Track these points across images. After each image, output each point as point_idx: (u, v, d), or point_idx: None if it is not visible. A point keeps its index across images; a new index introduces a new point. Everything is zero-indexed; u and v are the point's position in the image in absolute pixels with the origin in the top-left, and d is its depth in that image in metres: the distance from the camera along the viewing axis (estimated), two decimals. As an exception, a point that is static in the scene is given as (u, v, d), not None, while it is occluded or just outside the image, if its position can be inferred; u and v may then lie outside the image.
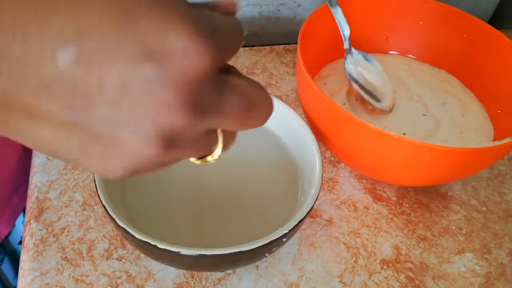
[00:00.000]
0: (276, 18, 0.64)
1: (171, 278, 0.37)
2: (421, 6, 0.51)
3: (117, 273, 0.37)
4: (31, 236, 0.39)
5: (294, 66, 0.58)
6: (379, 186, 0.46)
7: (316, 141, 0.38)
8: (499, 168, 0.50)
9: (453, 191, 0.47)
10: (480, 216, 0.45)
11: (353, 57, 0.48)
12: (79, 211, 0.41)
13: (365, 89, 0.46)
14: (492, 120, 0.48)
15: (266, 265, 0.39)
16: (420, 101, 0.49)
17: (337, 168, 0.47)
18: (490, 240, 0.43)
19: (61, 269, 0.37)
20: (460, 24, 0.50)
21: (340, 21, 0.47)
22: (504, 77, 0.47)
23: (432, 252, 0.42)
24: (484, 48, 0.49)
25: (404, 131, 0.45)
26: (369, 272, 0.40)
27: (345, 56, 0.48)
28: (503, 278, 0.41)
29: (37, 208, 0.41)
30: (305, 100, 0.44)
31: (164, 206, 0.38)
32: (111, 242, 0.39)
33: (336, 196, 0.45)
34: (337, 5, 0.46)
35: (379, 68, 0.49)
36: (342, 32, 0.48)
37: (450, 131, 0.46)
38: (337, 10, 0.47)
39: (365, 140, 0.39)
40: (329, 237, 0.42)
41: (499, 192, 0.48)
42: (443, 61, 0.53)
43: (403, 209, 0.45)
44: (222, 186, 0.40)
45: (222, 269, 0.37)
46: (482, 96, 0.50)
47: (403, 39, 0.54)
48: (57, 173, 0.43)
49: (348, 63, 0.48)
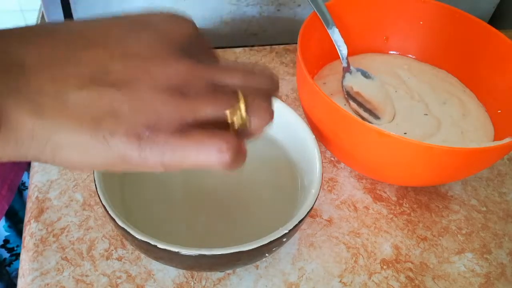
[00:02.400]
0: (276, 18, 0.63)
1: (171, 278, 0.37)
2: (421, 6, 0.51)
3: (117, 273, 0.37)
4: (31, 236, 0.39)
5: (294, 66, 0.58)
6: (379, 186, 0.46)
7: (316, 141, 0.38)
8: (499, 168, 0.50)
9: (453, 191, 0.47)
10: (480, 216, 0.45)
11: (351, 75, 0.48)
12: (79, 211, 0.41)
13: (364, 107, 0.47)
14: (492, 120, 0.48)
15: (266, 265, 0.39)
16: (421, 100, 0.49)
17: (337, 168, 0.47)
18: (490, 240, 0.43)
19: (61, 269, 0.37)
20: (460, 24, 0.50)
21: (338, 41, 0.48)
22: (504, 77, 0.47)
23: (432, 252, 0.42)
24: (484, 48, 0.49)
25: (405, 131, 0.45)
26: (369, 272, 0.40)
27: (343, 74, 0.48)
28: (503, 278, 0.41)
29: (37, 208, 0.41)
30: (305, 100, 0.44)
31: (164, 206, 0.38)
32: (111, 242, 0.39)
33: (336, 196, 0.45)
34: (334, 26, 0.47)
35: (378, 83, 0.49)
36: (340, 51, 0.48)
37: (450, 130, 0.46)
38: (334, 31, 0.47)
39: (365, 140, 0.39)
40: (329, 237, 0.42)
41: (499, 192, 0.48)
42: (443, 61, 0.53)
43: (403, 209, 0.45)
44: (222, 186, 0.40)
45: (222, 269, 0.37)
46: (482, 96, 0.50)
47: (403, 39, 0.54)
48: (57, 173, 0.43)
49: (346, 82, 0.48)
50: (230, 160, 0.22)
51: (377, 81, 0.49)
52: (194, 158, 0.21)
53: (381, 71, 0.52)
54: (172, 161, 0.21)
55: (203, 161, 0.21)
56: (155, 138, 0.20)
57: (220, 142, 0.21)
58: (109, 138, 0.20)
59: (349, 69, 0.49)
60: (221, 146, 0.21)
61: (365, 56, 0.54)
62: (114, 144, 0.20)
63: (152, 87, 0.20)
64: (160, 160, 0.21)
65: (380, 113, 0.46)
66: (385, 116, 0.46)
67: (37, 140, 0.19)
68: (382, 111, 0.47)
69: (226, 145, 0.21)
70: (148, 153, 0.20)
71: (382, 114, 0.46)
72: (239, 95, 0.22)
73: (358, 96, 0.47)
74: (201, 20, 0.62)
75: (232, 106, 0.22)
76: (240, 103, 0.22)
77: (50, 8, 0.57)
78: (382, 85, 0.49)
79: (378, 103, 0.47)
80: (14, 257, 0.58)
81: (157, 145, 0.20)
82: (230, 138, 0.22)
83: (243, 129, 0.23)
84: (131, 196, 0.38)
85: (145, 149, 0.20)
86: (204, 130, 0.21)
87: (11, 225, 0.56)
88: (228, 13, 0.62)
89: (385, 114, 0.46)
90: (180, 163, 0.21)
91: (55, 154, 0.20)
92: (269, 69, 0.25)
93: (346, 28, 0.50)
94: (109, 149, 0.20)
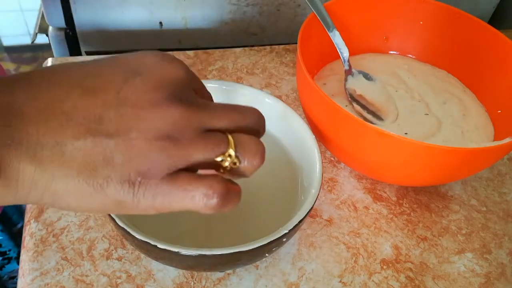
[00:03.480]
0: (276, 18, 0.64)
1: (171, 278, 0.37)
2: (421, 6, 0.51)
3: (117, 273, 0.37)
4: (31, 236, 0.39)
5: (294, 66, 0.58)
6: (379, 186, 0.46)
7: (316, 141, 0.38)
8: (499, 168, 0.50)
9: (453, 191, 0.47)
10: (480, 216, 0.45)
11: (353, 78, 0.48)
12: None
13: (367, 109, 0.47)
14: (492, 120, 0.48)
15: (266, 265, 0.39)
16: (421, 100, 0.49)
17: (337, 168, 0.47)
18: (490, 240, 0.43)
19: (61, 269, 0.37)
20: (460, 24, 0.50)
21: (339, 44, 0.48)
22: (504, 77, 0.47)
23: (432, 252, 0.42)
24: (484, 48, 0.49)
25: (406, 131, 0.45)
26: (369, 272, 0.40)
27: (345, 77, 0.48)
28: (503, 278, 0.41)
29: (37, 208, 0.40)
30: (305, 100, 0.44)
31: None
32: (111, 242, 0.39)
33: (336, 196, 0.45)
34: (334, 29, 0.47)
35: (380, 85, 0.49)
36: (341, 54, 0.48)
37: (451, 130, 0.46)
38: (335, 33, 0.47)
39: (365, 140, 0.39)
40: (329, 237, 0.42)
41: (499, 192, 0.48)
42: (443, 61, 0.53)
43: (403, 209, 0.45)
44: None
45: (222, 269, 0.37)
46: (482, 96, 0.50)
47: (403, 39, 0.54)
48: (57, 173, 0.43)
49: (349, 84, 0.48)
50: (217, 204, 0.23)
51: (379, 83, 0.49)
52: (181, 203, 0.22)
53: (381, 71, 0.52)
54: (163, 205, 0.22)
55: (189, 206, 0.23)
56: (147, 184, 0.21)
57: (204, 188, 0.22)
58: (104, 185, 0.21)
59: (351, 71, 0.49)
60: (207, 192, 0.22)
61: (365, 56, 0.54)
62: (109, 191, 0.21)
63: (145, 135, 0.21)
64: (152, 204, 0.22)
65: (383, 114, 0.46)
66: (389, 118, 0.46)
67: (36, 188, 0.21)
68: (385, 113, 0.47)
69: (211, 190, 0.22)
70: (141, 198, 0.22)
71: (385, 115, 0.46)
72: (229, 140, 0.23)
73: (361, 99, 0.47)
74: (201, 20, 0.62)
75: (223, 152, 0.23)
76: (230, 148, 0.23)
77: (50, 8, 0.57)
78: (384, 86, 0.49)
79: (381, 105, 0.47)
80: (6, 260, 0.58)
81: (149, 190, 0.22)
82: (215, 183, 0.22)
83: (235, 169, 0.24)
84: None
85: (137, 195, 0.21)
86: (191, 175, 0.22)
87: (4, 229, 0.56)
88: (228, 13, 0.62)
89: (388, 116, 0.46)
90: (171, 208, 0.23)
91: (54, 200, 0.21)
92: (256, 110, 0.26)
93: (346, 28, 0.50)
94: (105, 196, 0.21)
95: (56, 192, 0.21)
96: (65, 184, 0.21)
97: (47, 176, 0.20)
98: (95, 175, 0.21)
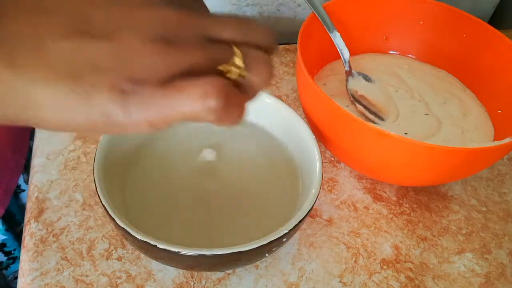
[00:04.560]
0: (276, 18, 0.63)
1: (171, 278, 0.37)
2: (421, 6, 0.51)
3: (117, 273, 0.37)
4: (31, 236, 0.39)
5: (294, 66, 0.58)
6: (379, 186, 0.46)
7: (316, 141, 0.38)
8: (499, 168, 0.50)
9: (453, 191, 0.47)
10: (480, 216, 0.45)
11: (353, 79, 0.48)
12: (79, 211, 0.41)
13: (369, 109, 0.47)
14: (492, 120, 0.48)
15: (266, 265, 0.39)
16: (421, 100, 0.49)
17: (337, 168, 0.47)
18: (490, 240, 0.43)
19: (61, 269, 0.37)
20: (460, 24, 0.50)
21: (339, 45, 0.48)
22: (504, 77, 0.47)
23: (432, 252, 0.42)
24: (484, 48, 0.49)
25: (406, 131, 0.45)
26: (369, 272, 0.40)
27: (346, 78, 0.49)
28: (503, 278, 0.41)
29: (37, 208, 0.40)
30: (305, 100, 0.44)
31: (164, 206, 0.38)
32: (111, 242, 0.39)
33: (336, 196, 0.45)
34: (335, 30, 0.47)
35: (379, 86, 0.49)
36: (342, 55, 0.48)
37: (451, 130, 0.46)
38: (336, 34, 0.47)
39: (365, 140, 0.39)
40: (329, 237, 0.42)
41: (499, 192, 0.48)
42: (443, 61, 0.53)
43: (403, 209, 0.45)
44: (222, 186, 0.40)
45: (222, 269, 0.37)
46: (482, 96, 0.50)
47: (403, 39, 0.54)
48: (57, 173, 0.43)
49: (351, 85, 0.48)
50: (218, 105, 0.19)
51: (379, 84, 0.49)
52: (178, 108, 0.19)
53: (381, 71, 0.52)
54: (159, 117, 0.19)
55: (187, 110, 0.19)
56: (139, 91, 0.19)
57: (204, 85, 0.19)
58: (91, 92, 0.18)
59: (351, 73, 0.49)
60: (205, 89, 0.19)
61: (365, 56, 0.54)
62: (96, 99, 0.19)
63: (137, 37, 0.19)
64: (146, 116, 0.19)
65: (384, 114, 0.47)
66: (390, 118, 0.46)
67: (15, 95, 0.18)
68: (386, 113, 0.47)
69: (211, 87, 0.19)
70: (133, 109, 0.19)
71: (386, 115, 0.47)
72: (235, 50, 0.21)
73: (363, 99, 0.47)
74: (201, 20, 0.62)
75: (226, 61, 0.20)
76: (236, 58, 0.20)
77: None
78: (384, 87, 0.49)
79: (382, 105, 0.47)
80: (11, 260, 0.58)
81: (142, 99, 0.19)
82: (216, 80, 0.19)
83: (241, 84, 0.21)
84: (131, 196, 0.38)
85: (129, 105, 0.19)
86: (189, 78, 0.19)
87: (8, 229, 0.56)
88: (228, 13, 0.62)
89: (389, 116, 0.47)
90: (166, 118, 0.20)
91: (36, 113, 0.19)
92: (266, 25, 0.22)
93: (346, 28, 0.50)
94: (92, 106, 0.19)
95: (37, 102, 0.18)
96: (45, 91, 0.18)
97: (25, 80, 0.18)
98: (81, 81, 0.18)
